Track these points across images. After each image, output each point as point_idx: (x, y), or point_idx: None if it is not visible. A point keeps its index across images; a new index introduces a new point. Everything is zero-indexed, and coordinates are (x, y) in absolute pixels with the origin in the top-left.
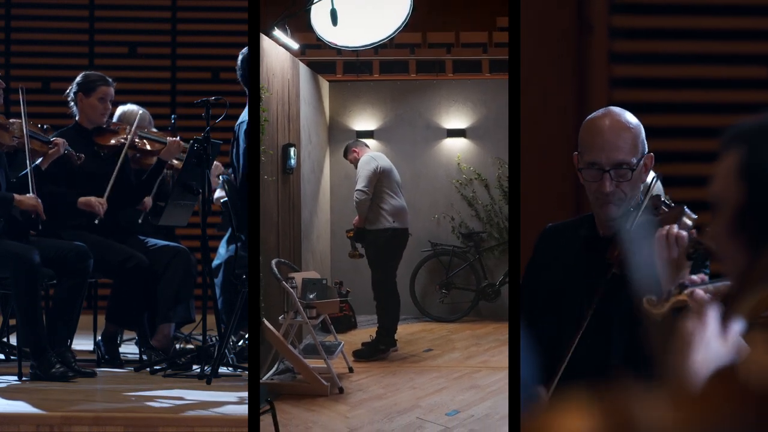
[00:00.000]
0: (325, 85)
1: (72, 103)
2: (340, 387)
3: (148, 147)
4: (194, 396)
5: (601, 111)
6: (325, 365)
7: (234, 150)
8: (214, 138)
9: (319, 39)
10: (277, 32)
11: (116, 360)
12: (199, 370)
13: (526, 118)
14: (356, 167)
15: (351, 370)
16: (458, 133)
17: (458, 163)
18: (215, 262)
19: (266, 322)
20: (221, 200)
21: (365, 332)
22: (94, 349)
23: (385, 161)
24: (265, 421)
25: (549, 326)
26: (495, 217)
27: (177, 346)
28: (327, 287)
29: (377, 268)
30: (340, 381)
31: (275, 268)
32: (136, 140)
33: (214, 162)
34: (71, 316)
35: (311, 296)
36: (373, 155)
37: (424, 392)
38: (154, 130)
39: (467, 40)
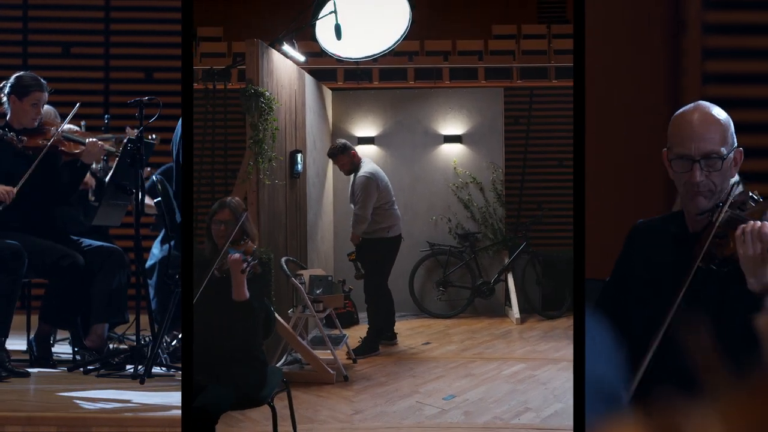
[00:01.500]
0: (328, 94)
1: (5, 103)
2: (345, 375)
3: (67, 149)
4: (127, 396)
5: (690, 105)
6: (332, 356)
7: (175, 150)
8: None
9: (323, 51)
10: (286, 46)
11: (49, 360)
12: (132, 370)
13: (612, 117)
14: (348, 174)
15: (355, 360)
16: (455, 139)
17: (455, 168)
18: (149, 263)
19: (276, 315)
20: (154, 200)
21: (367, 328)
22: (27, 349)
23: (380, 176)
24: (281, 403)
25: (636, 324)
26: (489, 218)
27: (110, 346)
28: (332, 283)
29: (374, 274)
30: (345, 370)
31: (285, 266)
32: (62, 140)
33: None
34: (5, 315)
35: (318, 291)
36: (369, 174)
37: (422, 380)
38: (75, 129)
39: (464, 48)
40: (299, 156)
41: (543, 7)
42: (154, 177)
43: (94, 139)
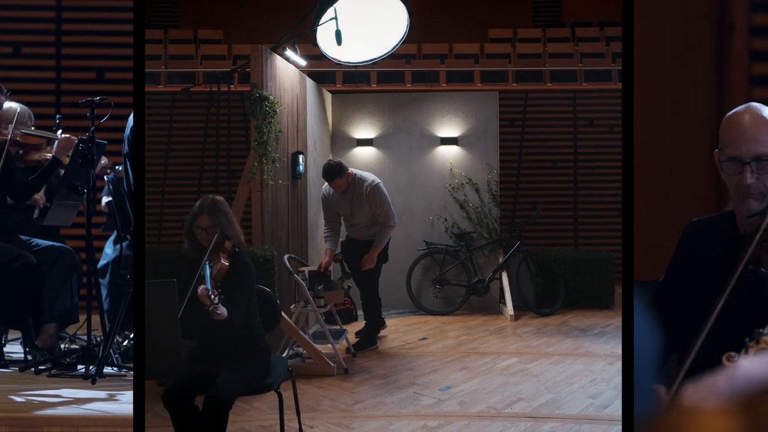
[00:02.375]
0: (328, 97)
1: None
2: (346, 368)
3: (30, 142)
4: (79, 396)
5: (741, 107)
6: (332, 349)
7: (126, 149)
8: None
9: (324, 55)
10: (288, 51)
11: (0, 360)
12: (84, 370)
13: (658, 119)
14: (343, 192)
15: (354, 355)
16: (451, 141)
17: (451, 169)
18: (101, 263)
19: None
20: (106, 200)
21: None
22: None
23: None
24: (285, 393)
25: (686, 322)
26: (485, 218)
27: (62, 346)
28: (333, 280)
29: (371, 273)
30: (345, 364)
31: (287, 263)
32: (18, 137)
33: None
34: None
35: (319, 288)
36: (378, 181)
37: (419, 372)
38: (32, 127)
39: (460, 51)
40: (301, 157)
41: (538, 11)
42: (105, 177)
43: (67, 135)
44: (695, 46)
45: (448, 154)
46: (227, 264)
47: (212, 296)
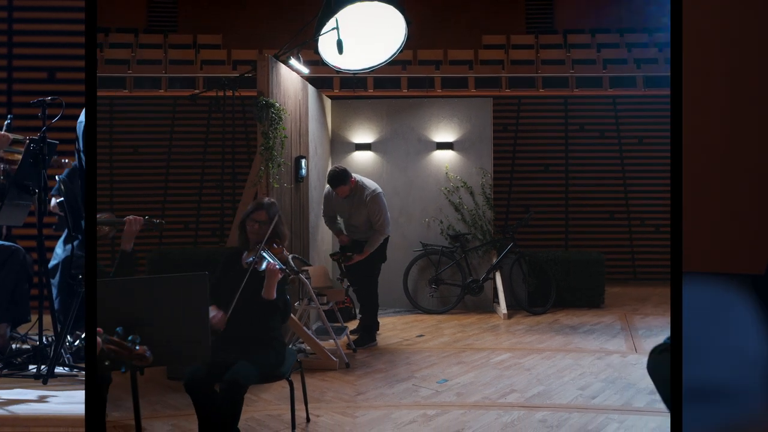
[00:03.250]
0: (328, 103)
1: None
2: (347, 363)
3: None
4: (30, 395)
5: None
6: (334, 345)
7: (77, 147)
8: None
9: (325, 64)
10: (292, 60)
11: None
12: (35, 370)
13: (719, 124)
14: (346, 196)
15: (355, 350)
16: (446, 146)
17: (446, 173)
18: (52, 262)
19: None
20: (57, 200)
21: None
22: None
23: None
24: (296, 383)
25: None
26: (479, 220)
27: (13, 346)
28: (333, 280)
29: (370, 274)
30: (347, 359)
31: (291, 262)
32: None
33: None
34: None
35: (350, 254)
36: (379, 190)
37: (418, 367)
38: None
39: (455, 57)
40: (303, 161)
41: (531, 18)
42: (57, 177)
43: (2, 132)
44: (747, 48)
45: (444, 158)
46: (287, 253)
47: (284, 268)
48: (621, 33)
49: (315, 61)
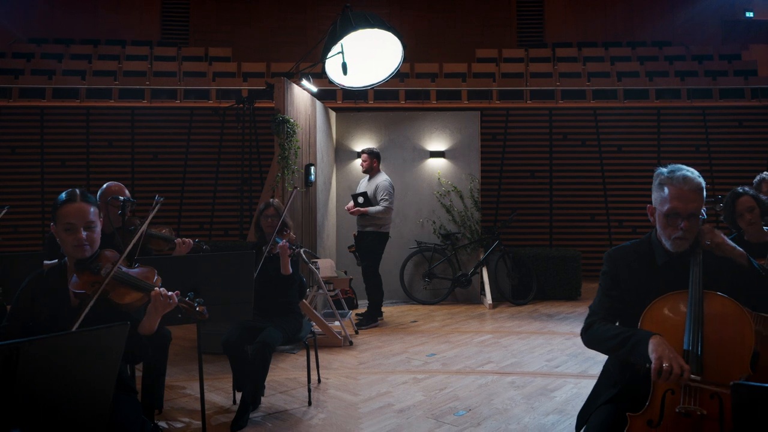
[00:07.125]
0: (332, 115)
1: None
2: (350, 341)
3: None
4: None
5: None
6: (340, 327)
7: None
8: None
9: (331, 83)
10: (304, 81)
11: None
12: None
13: None
14: (364, 173)
15: (357, 332)
16: (438, 154)
17: (438, 178)
18: None
19: None
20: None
21: (364, 311)
22: None
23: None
24: (302, 359)
25: None
26: (467, 221)
27: None
28: (339, 271)
29: (370, 260)
30: (350, 338)
31: (303, 255)
32: None
33: None
34: None
35: (361, 200)
36: (390, 181)
37: (410, 344)
38: None
39: (450, 70)
40: (312, 168)
41: (523, 32)
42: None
43: None
44: None
45: (436, 165)
46: (294, 236)
47: (293, 246)
48: (606, 47)
49: (319, 73)
